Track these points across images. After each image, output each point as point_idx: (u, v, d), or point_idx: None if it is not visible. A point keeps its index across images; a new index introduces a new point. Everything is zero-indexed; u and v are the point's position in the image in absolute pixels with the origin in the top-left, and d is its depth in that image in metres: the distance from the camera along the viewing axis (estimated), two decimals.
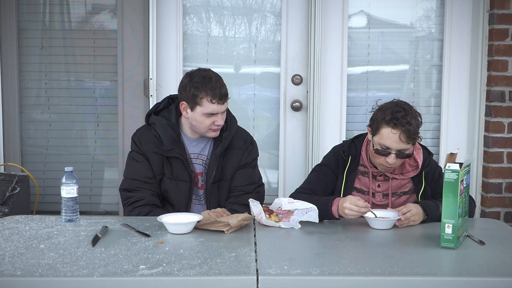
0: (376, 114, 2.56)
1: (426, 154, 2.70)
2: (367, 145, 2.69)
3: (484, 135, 3.86)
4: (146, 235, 2.26)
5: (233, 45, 4.03)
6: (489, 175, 3.83)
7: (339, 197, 2.54)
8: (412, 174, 2.66)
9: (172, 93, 2.89)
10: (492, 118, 3.79)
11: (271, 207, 2.51)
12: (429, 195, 2.67)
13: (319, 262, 2.00)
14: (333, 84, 3.90)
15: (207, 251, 2.08)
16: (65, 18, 4.04)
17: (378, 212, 2.49)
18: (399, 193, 2.69)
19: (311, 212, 2.42)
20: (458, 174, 2.09)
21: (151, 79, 3.74)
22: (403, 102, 2.58)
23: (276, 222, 2.43)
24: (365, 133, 2.74)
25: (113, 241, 2.19)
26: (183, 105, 2.72)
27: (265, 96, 4.02)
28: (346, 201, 2.43)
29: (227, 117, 2.82)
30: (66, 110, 4.06)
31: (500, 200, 3.84)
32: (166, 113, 2.80)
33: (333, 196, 2.56)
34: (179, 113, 2.79)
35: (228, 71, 4.01)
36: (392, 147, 2.51)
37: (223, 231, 2.31)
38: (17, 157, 4.00)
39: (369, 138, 2.63)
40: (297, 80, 3.90)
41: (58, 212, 2.50)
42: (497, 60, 3.76)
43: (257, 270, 1.91)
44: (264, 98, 4.02)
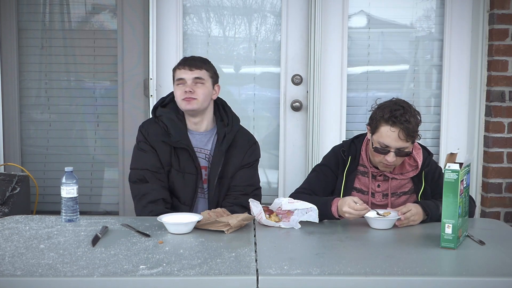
0: (375, 113, 2.56)
1: (426, 154, 2.70)
2: (367, 145, 2.69)
3: (484, 135, 3.86)
4: (146, 235, 2.26)
5: (233, 45, 4.03)
6: (489, 175, 3.83)
7: (338, 198, 2.54)
8: (412, 174, 2.66)
9: None
10: (492, 118, 3.79)
11: (271, 207, 2.51)
12: (429, 195, 2.67)
13: (319, 262, 2.00)
14: (333, 84, 3.90)
15: (207, 251, 2.08)
16: (65, 18, 4.04)
17: (381, 211, 2.50)
18: (399, 193, 2.69)
19: (311, 212, 2.42)
20: (458, 174, 2.09)
21: (151, 79, 3.74)
22: (402, 101, 2.58)
23: (276, 222, 2.43)
24: (365, 133, 2.74)
25: (113, 241, 2.19)
26: (173, 82, 2.85)
27: (265, 96, 4.02)
28: (345, 205, 2.43)
29: (228, 114, 2.87)
30: (66, 110, 4.06)
31: (500, 200, 3.84)
32: (173, 106, 2.84)
33: (333, 197, 2.57)
34: None
35: (228, 71, 4.01)
36: (391, 145, 2.51)
37: (223, 231, 2.31)
38: (17, 157, 4.00)
39: (369, 137, 2.64)
40: (297, 80, 3.90)
41: (58, 212, 2.50)
42: (497, 60, 3.76)
43: (257, 270, 1.91)
44: (264, 98, 4.02)
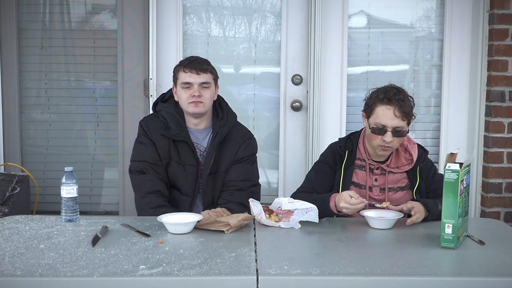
0: (370, 97, 2.65)
1: (422, 151, 2.75)
2: (364, 138, 2.73)
3: (484, 135, 3.86)
4: (146, 235, 2.26)
5: (233, 45, 4.03)
6: (489, 175, 3.83)
7: (336, 193, 2.55)
8: (407, 168, 2.70)
9: None
10: (492, 118, 3.79)
11: (271, 207, 2.51)
12: (424, 192, 2.70)
13: (319, 262, 2.00)
14: (333, 84, 3.90)
15: (207, 251, 2.08)
16: (65, 18, 4.04)
17: (380, 212, 2.50)
18: (396, 188, 2.71)
19: (311, 212, 2.42)
20: (458, 174, 2.09)
21: (151, 79, 3.74)
22: (394, 85, 2.66)
23: (276, 222, 2.43)
24: (360, 130, 2.79)
25: (113, 241, 2.18)
26: (174, 89, 2.87)
27: (265, 96, 4.03)
28: (341, 201, 2.45)
29: (224, 110, 2.89)
30: (66, 110, 4.06)
31: (500, 200, 3.84)
32: (173, 101, 2.89)
33: (330, 193, 2.58)
34: None
35: (228, 71, 4.01)
36: (388, 124, 2.56)
37: (223, 231, 2.31)
38: (17, 157, 4.00)
39: (365, 124, 2.69)
40: (297, 80, 3.90)
41: (58, 212, 2.50)
42: (497, 60, 3.76)
43: (257, 270, 1.90)
44: (264, 98, 4.02)
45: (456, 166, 2.10)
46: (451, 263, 2.06)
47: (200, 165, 2.84)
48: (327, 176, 2.74)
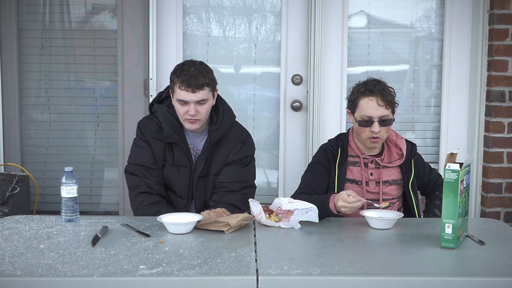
0: (352, 93, 2.73)
1: (410, 145, 2.83)
2: (353, 135, 2.79)
3: (484, 135, 3.86)
4: (146, 235, 2.26)
5: (233, 45, 4.03)
6: (489, 175, 3.83)
7: (335, 194, 2.55)
8: (399, 162, 2.77)
9: None
10: (492, 118, 3.79)
11: (271, 207, 2.51)
12: (416, 185, 2.79)
13: (319, 262, 2.00)
14: (333, 84, 3.90)
15: (207, 251, 2.08)
16: (65, 18, 4.04)
17: (380, 212, 2.50)
18: (390, 181, 2.76)
19: (311, 212, 2.42)
20: (458, 174, 2.09)
21: (151, 79, 3.74)
22: (373, 77, 2.76)
23: (276, 222, 2.43)
24: (348, 129, 2.86)
25: (113, 241, 2.18)
26: (171, 91, 2.80)
27: (265, 96, 4.02)
28: (339, 200, 2.46)
29: (220, 112, 2.82)
30: (66, 110, 4.06)
31: (500, 200, 3.84)
32: (168, 102, 2.84)
33: (329, 194, 2.58)
34: None
35: (228, 71, 4.01)
36: (373, 115, 2.63)
37: (223, 231, 2.31)
38: (17, 157, 4.00)
39: (351, 121, 2.75)
40: (297, 80, 3.90)
41: (58, 212, 2.50)
42: (497, 60, 3.76)
43: (257, 270, 1.90)
44: (264, 98, 4.02)
45: (456, 166, 2.10)
46: (451, 263, 2.06)
47: (194, 167, 2.81)
48: (323, 176, 2.77)
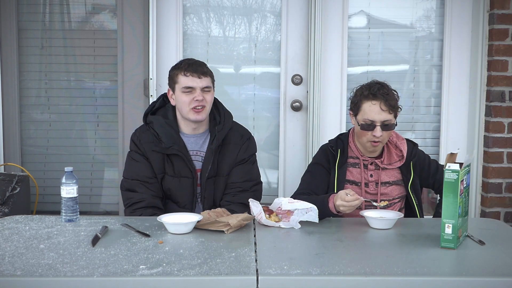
0: (355, 95, 2.70)
1: (411, 146, 2.80)
2: (354, 136, 2.78)
3: (484, 135, 3.86)
4: (146, 235, 2.26)
5: (233, 45, 4.03)
6: (489, 175, 3.83)
7: (334, 194, 2.56)
8: (399, 164, 2.75)
9: None
10: (492, 118, 3.79)
11: (271, 207, 2.51)
12: (418, 185, 2.77)
13: (319, 262, 2.00)
14: (333, 84, 3.90)
15: (207, 251, 2.08)
16: (65, 18, 4.04)
17: (380, 212, 2.50)
18: (391, 182, 2.75)
19: (311, 212, 2.42)
20: (458, 174, 2.09)
21: (151, 79, 3.74)
22: (377, 80, 2.73)
23: (276, 222, 2.43)
24: (348, 130, 2.85)
25: (113, 241, 2.18)
26: (169, 93, 2.79)
27: (265, 96, 4.03)
28: (338, 199, 2.46)
29: (220, 112, 2.84)
30: (66, 110, 4.07)
31: (500, 200, 3.84)
32: (163, 112, 2.82)
33: (329, 194, 2.58)
34: (176, 112, 2.81)
35: (228, 71, 4.01)
36: (376, 119, 2.61)
37: (223, 231, 2.31)
38: (17, 157, 4.01)
39: (353, 123, 2.73)
40: (297, 80, 3.90)
41: (58, 212, 2.49)
42: (497, 60, 3.76)
43: (257, 270, 1.90)
44: (264, 98, 4.02)
45: (456, 166, 2.10)
46: (451, 263, 2.06)
47: (196, 178, 2.78)
48: (323, 177, 2.76)
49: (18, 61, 3.98)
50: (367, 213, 2.48)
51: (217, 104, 2.87)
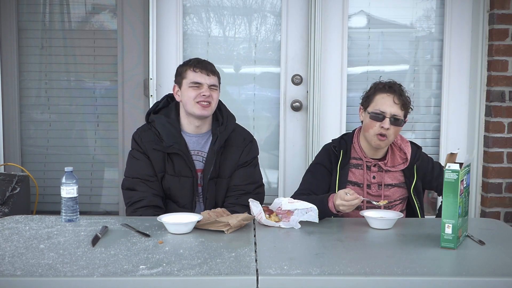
0: (370, 89, 2.72)
1: (415, 149, 2.78)
2: (358, 137, 2.77)
3: (484, 135, 3.86)
4: (146, 235, 2.26)
5: (233, 45, 4.03)
6: (489, 175, 3.83)
7: (334, 193, 2.55)
8: (403, 167, 2.74)
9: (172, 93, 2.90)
10: (492, 118, 3.79)
11: (271, 207, 2.51)
12: (420, 189, 2.75)
13: (319, 262, 2.00)
14: (333, 84, 3.90)
15: (207, 251, 2.08)
16: (65, 18, 4.04)
17: (380, 212, 2.50)
18: (393, 184, 2.74)
19: (311, 212, 2.42)
20: (458, 174, 2.09)
21: (151, 79, 3.74)
22: (394, 81, 2.75)
23: (276, 222, 2.43)
24: (353, 130, 2.83)
25: (113, 241, 2.18)
26: (175, 89, 2.80)
27: (265, 96, 4.03)
28: (337, 199, 2.46)
29: (223, 113, 2.84)
30: (66, 110, 4.07)
31: (500, 200, 3.84)
32: (166, 111, 2.83)
33: (328, 193, 2.58)
34: (179, 111, 2.82)
35: (228, 71, 4.01)
36: (387, 111, 2.62)
37: (223, 231, 2.31)
38: (17, 157, 4.01)
39: (361, 118, 2.73)
40: (297, 80, 3.91)
41: (58, 212, 2.49)
42: (497, 60, 3.76)
43: (257, 270, 1.90)
44: (264, 98, 4.03)
45: (456, 166, 2.10)
46: (451, 263, 2.06)
47: (196, 177, 2.78)
48: (324, 177, 2.75)
49: (18, 61, 3.98)
50: (367, 213, 2.48)
51: (221, 106, 2.88)
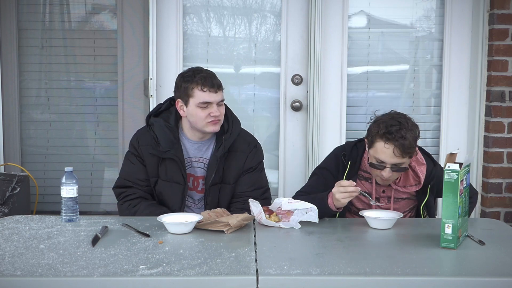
0: (372, 127, 2.53)
1: (432, 166, 2.66)
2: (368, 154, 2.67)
3: (484, 135, 3.86)
4: (146, 235, 2.26)
5: (233, 45, 4.03)
6: (489, 175, 3.83)
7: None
8: (415, 189, 2.64)
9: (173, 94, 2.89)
10: (492, 118, 3.79)
11: (271, 207, 2.51)
12: (432, 202, 2.68)
13: (319, 262, 2.00)
14: (333, 84, 3.90)
15: (207, 251, 2.08)
16: (65, 18, 4.04)
17: (380, 212, 2.50)
18: (404, 198, 2.69)
19: (311, 212, 2.42)
20: (458, 174, 2.09)
21: (151, 79, 3.74)
22: (399, 115, 2.53)
23: (276, 222, 2.43)
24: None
25: (113, 241, 2.18)
26: (179, 104, 2.72)
27: (265, 96, 4.02)
28: (335, 189, 2.44)
29: (229, 119, 2.79)
30: (66, 110, 4.07)
31: (500, 200, 3.84)
32: (166, 115, 2.79)
33: (327, 191, 2.54)
34: (180, 115, 2.77)
35: (228, 71, 4.01)
36: (387, 161, 2.48)
37: (223, 231, 2.31)
38: (17, 157, 4.01)
39: (367, 150, 2.61)
40: (297, 80, 3.90)
41: (58, 212, 2.49)
42: (497, 60, 3.76)
43: (257, 270, 1.90)
44: (264, 98, 4.02)
45: (456, 166, 2.10)
46: (451, 263, 2.06)
47: (187, 187, 2.76)
48: (329, 184, 2.66)
49: (18, 61, 3.98)
50: (367, 213, 2.47)
51: (226, 111, 2.80)
